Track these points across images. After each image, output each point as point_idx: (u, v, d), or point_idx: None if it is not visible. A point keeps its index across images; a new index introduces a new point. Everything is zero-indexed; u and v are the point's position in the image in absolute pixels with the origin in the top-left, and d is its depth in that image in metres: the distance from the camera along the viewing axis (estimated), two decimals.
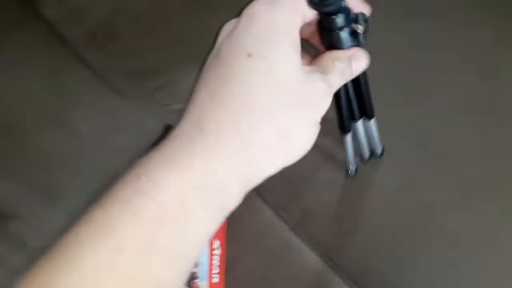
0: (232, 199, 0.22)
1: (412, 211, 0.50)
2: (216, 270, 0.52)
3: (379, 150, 0.51)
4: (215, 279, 0.52)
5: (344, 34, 0.36)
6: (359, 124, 0.46)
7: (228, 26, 0.25)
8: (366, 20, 0.37)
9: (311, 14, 0.28)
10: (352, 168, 0.52)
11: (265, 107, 0.22)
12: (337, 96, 0.39)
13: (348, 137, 0.46)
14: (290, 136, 0.24)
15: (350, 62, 0.29)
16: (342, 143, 0.47)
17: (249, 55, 0.22)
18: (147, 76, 0.53)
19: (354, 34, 0.36)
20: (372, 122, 0.47)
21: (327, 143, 0.53)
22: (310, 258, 0.54)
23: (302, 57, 0.25)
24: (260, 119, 0.22)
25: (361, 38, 0.37)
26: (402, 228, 0.50)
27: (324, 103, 0.26)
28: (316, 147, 0.24)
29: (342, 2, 0.32)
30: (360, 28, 0.37)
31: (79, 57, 0.55)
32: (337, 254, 0.53)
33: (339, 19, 0.35)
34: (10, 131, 0.54)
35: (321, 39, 0.35)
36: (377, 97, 0.36)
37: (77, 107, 0.54)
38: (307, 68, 0.26)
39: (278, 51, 0.23)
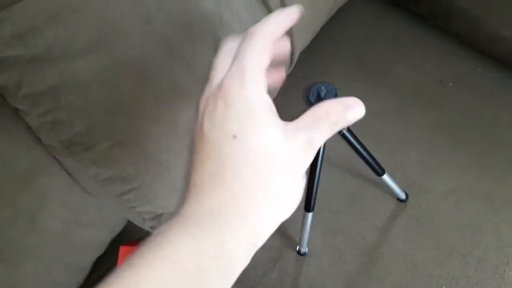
0: (240, 264, 0.25)
1: None
2: None
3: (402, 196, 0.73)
4: None
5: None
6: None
7: (205, 101, 0.27)
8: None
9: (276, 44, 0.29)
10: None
11: (256, 180, 0.25)
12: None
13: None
14: (282, 196, 0.26)
15: (345, 110, 0.28)
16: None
17: (234, 137, 0.25)
18: (118, 182, 0.58)
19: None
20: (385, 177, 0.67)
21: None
22: None
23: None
24: (255, 192, 0.25)
25: None
26: None
27: (306, 158, 0.27)
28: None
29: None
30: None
31: (54, 158, 0.59)
32: None
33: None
34: None
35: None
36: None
37: (47, 204, 0.59)
38: (290, 127, 0.27)
39: (260, 127, 0.25)
